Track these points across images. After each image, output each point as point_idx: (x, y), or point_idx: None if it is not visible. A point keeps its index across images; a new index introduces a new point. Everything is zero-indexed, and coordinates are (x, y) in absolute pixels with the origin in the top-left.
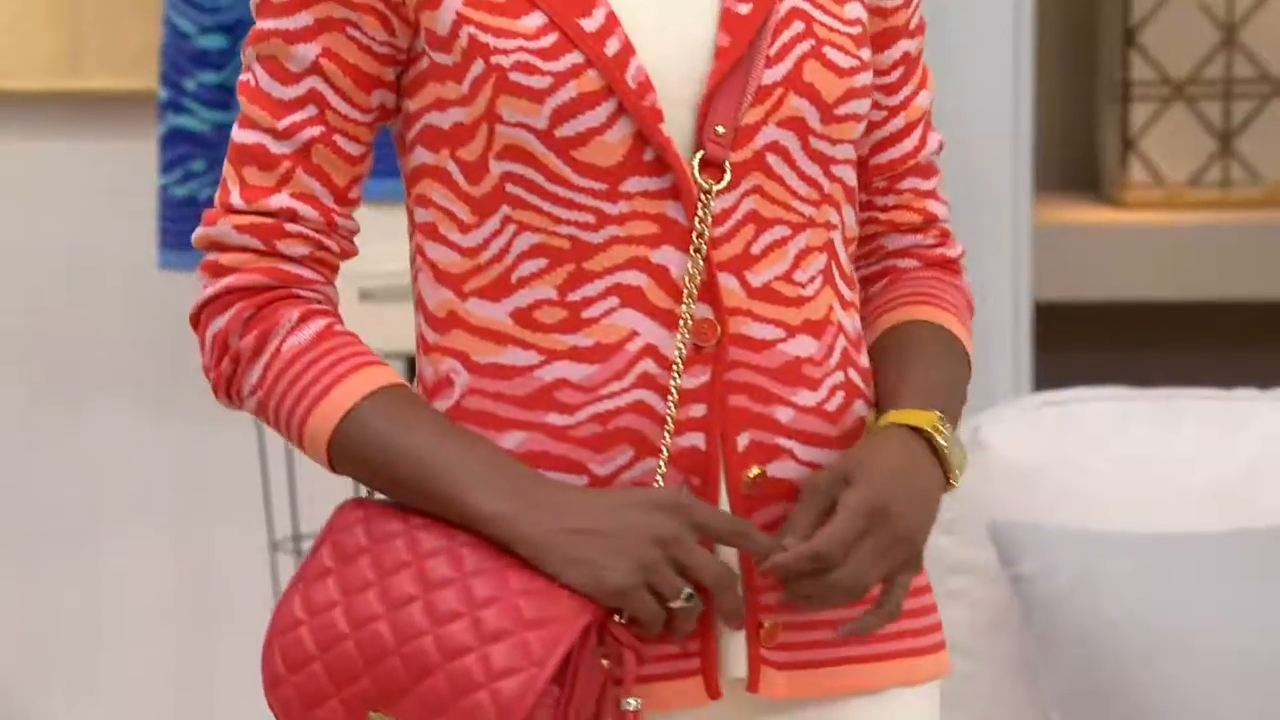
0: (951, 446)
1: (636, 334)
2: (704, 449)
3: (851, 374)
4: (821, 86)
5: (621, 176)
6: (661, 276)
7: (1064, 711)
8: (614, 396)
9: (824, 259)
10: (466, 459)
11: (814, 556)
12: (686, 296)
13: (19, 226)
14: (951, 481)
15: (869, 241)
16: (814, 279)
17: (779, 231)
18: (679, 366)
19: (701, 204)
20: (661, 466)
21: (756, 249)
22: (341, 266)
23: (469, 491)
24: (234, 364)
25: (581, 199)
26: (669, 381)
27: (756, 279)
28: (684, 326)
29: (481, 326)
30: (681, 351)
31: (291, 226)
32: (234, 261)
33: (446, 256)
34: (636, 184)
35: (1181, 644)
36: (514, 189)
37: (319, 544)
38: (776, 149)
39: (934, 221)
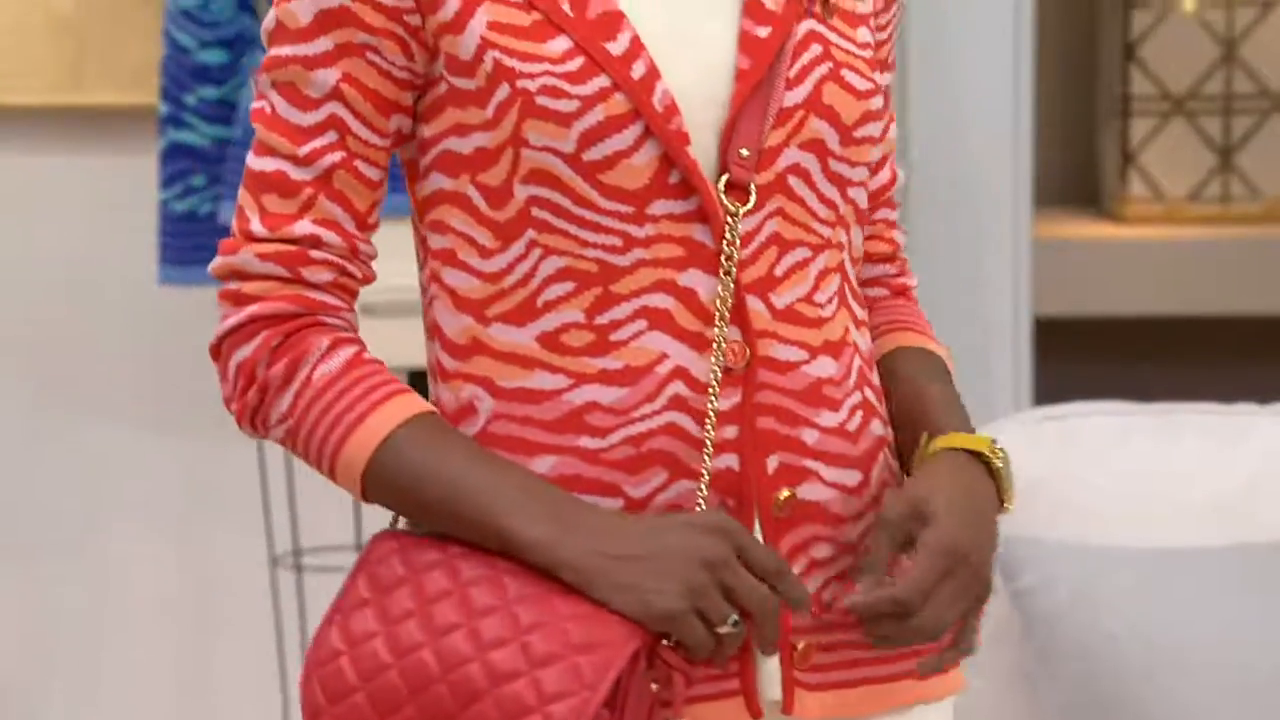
0: (1007, 468)
1: (666, 356)
2: (738, 470)
3: (868, 393)
4: (840, 109)
5: (648, 199)
6: (689, 299)
7: None
8: (646, 419)
9: (838, 279)
10: (502, 484)
11: (893, 601)
12: (719, 320)
13: (20, 241)
14: (1006, 504)
15: None
16: (831, 300)
17: (800, 253)
18: (715, 390)
19: (729, 227)
20: (703, 490)
21: (780, 271)
22: None
23: (507, 517)
24: (261, 393)
25: (608, 222)
26: (701, 404)
27: (780, 301)
28: (718, 350)
29: (506, 351)
30: (717, 374)
31: (316, 253)
32: (258, 290)
33: (467, 282)
34: (662, 207)
35: (1181, 658)
36: (540, 213)
37: (353, 576)
38: (798, 171)
39: (898, 251)
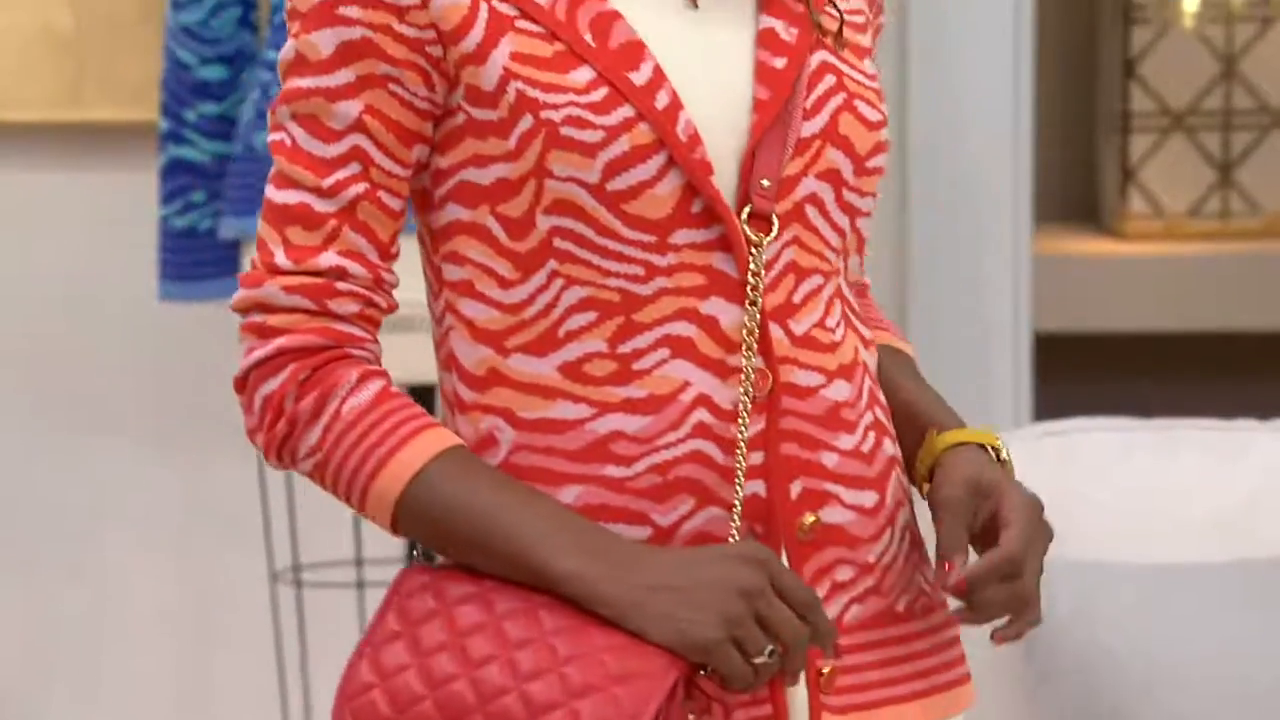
0: (1010, 461)
1: (689, 384)
2: (765, 497)
3: (878, 412)
4: (855, 139)
5: (670, 229)
6: (711, 327)
7: None
8: (671, 447)
9: (840, 304)
10: (534, 517)
11: (1009, 560)
12: (745, 349)
13: (20, 256)
14: None
15: None
16: (840, 324)
17: (815, 280)
18: (745, 418)
19: (753, 257)
20: (735, 520)
21: (797, 298)
22: None
23: (540, 549)
24: (290, 426)
25: (631, 251)
26: (725, 430)
27: (799, 327)
28: (746, 378)
29: (527, 382)
30: (745, 403)
31: (342, 285)
32: (284, 323)
33: (485, 314)
34: (684, 236)
35: (1182, 674)
36: (562, 243)
37: (382, 611)
38: (814, 200)
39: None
